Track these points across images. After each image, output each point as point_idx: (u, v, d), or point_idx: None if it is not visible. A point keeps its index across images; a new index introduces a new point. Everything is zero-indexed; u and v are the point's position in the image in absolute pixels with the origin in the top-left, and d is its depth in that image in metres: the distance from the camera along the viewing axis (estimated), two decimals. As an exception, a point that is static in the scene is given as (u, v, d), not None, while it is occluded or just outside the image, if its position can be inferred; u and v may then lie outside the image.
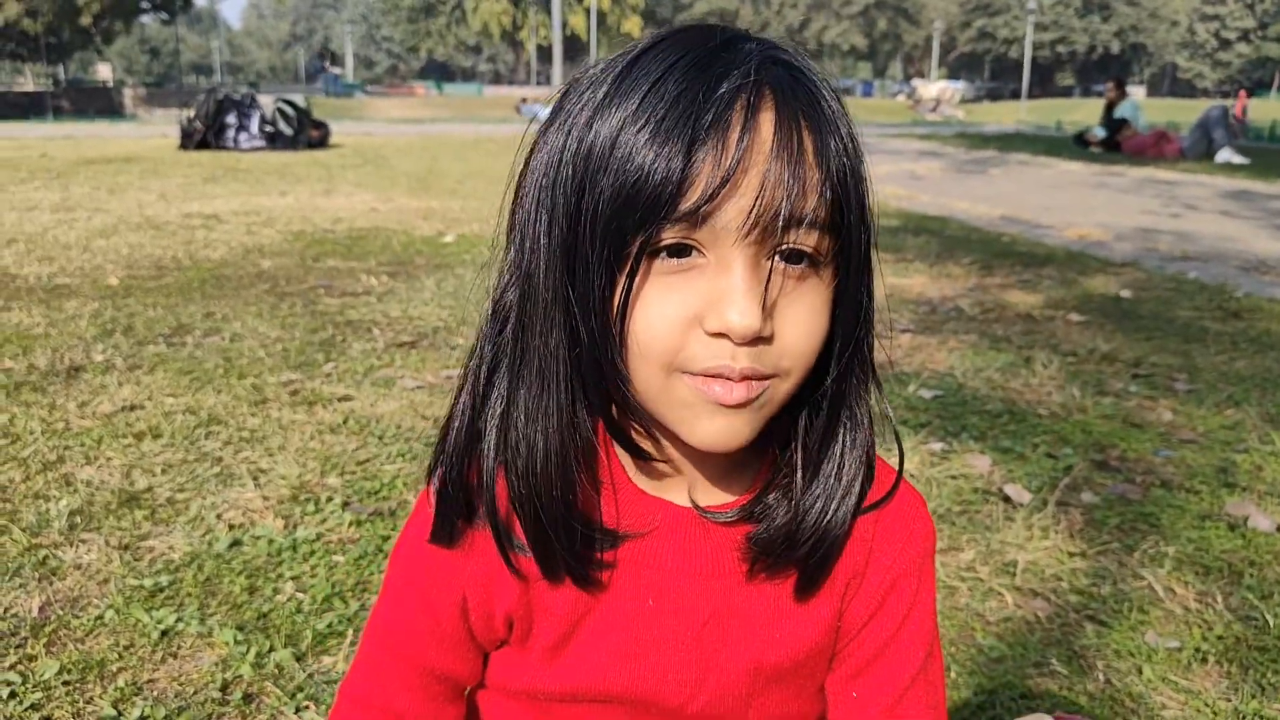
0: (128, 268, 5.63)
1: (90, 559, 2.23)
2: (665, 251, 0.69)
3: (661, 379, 0.71)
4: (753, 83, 0.68)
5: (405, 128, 24.31)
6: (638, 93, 0.68)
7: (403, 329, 4.32)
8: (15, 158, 13.16)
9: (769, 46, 0.72)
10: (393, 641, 0.88)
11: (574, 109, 0.72)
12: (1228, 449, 2.99)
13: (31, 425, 3.03)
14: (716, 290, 0.68)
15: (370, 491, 2.60)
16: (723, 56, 0.69)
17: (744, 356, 0.69)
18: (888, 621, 0.86)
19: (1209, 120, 14.96)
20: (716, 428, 0.72)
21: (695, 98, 0.67)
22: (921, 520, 0.88)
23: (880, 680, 0.86)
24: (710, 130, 0.66)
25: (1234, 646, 1.96)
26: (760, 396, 0.72)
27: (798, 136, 0.67)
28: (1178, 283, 5.54)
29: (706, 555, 0.83)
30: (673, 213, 0.66)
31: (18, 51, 43.40)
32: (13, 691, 1.75)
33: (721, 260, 0.68)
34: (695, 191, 0.66)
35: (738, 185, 0.66)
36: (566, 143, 0.72)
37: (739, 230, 0.67)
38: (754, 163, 0.66)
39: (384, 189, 9.99)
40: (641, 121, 0.67)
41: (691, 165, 0.66)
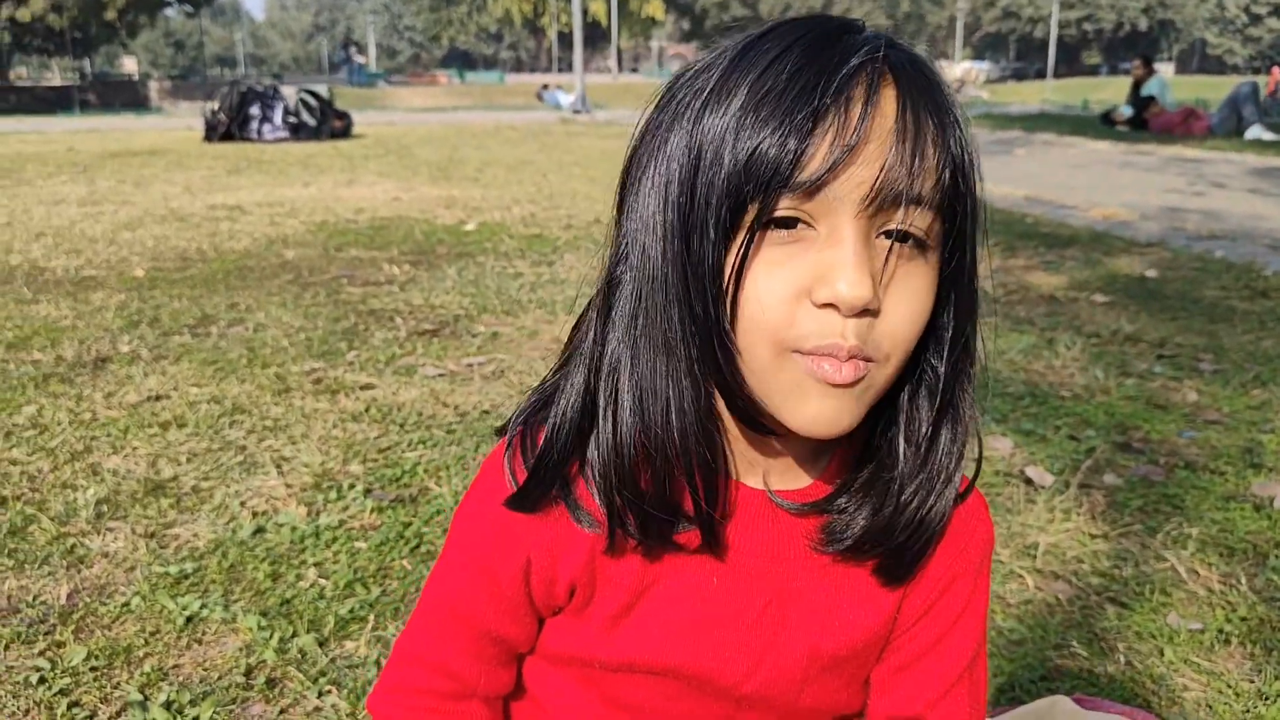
0: (153, 260, 5.69)
1: (117, 547, 2.26)
2: (776, 224, 0.69)
3: (771, 357, 0.71)
4: (876, 61, 0.68)
5: (427, 116, 24.39)
6: (756, 70, 0.69)
7: (424, 317, 4.34)
8: (43, 152, 13.30)
9: (887, 34, 0.73)
10: (451, 602, 0.88)
11: (685, 95, 0.73)
12: (1254, 429, 2.96)
13: (59, 416, 3.07)
14: (825, 262, 0.68)
15: (392, 479, 2.62)
16: (844, 39, 0.70)
17: (852, 334, 0.69)
18: (941, 618, 0.87)
19: (1238, 97, 14.75)
20: (822, 409, 0.72)
21: (819, 71, 0.67)
22: (984, 522, 0.89)
23: (927, 676, 0.87)
24: (833, 102, 0.66)
25: (1258, 628, 1.95)
26: (864, 379, 0.72)
27: (918, 116, 0.68)
28: (1204, 262, 5.48)
29: (773, 539, 0.83)
30: (790, 181, 0.67)
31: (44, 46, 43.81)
32: (42, 677, 1.78)
33: (833, 232, 0.68)
34: (814, 161, 0.66)
35: (858, 158, 0.66)
36: (677, 134, 0.72)
37: (859, 203, 0.67)
38: (876, 137, 0.67)
39: (406, 178, 10.03)
40: (761, 94, 0.68)
41: (813, 135, 0.66)
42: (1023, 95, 39.12)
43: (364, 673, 1.80)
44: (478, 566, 0.86)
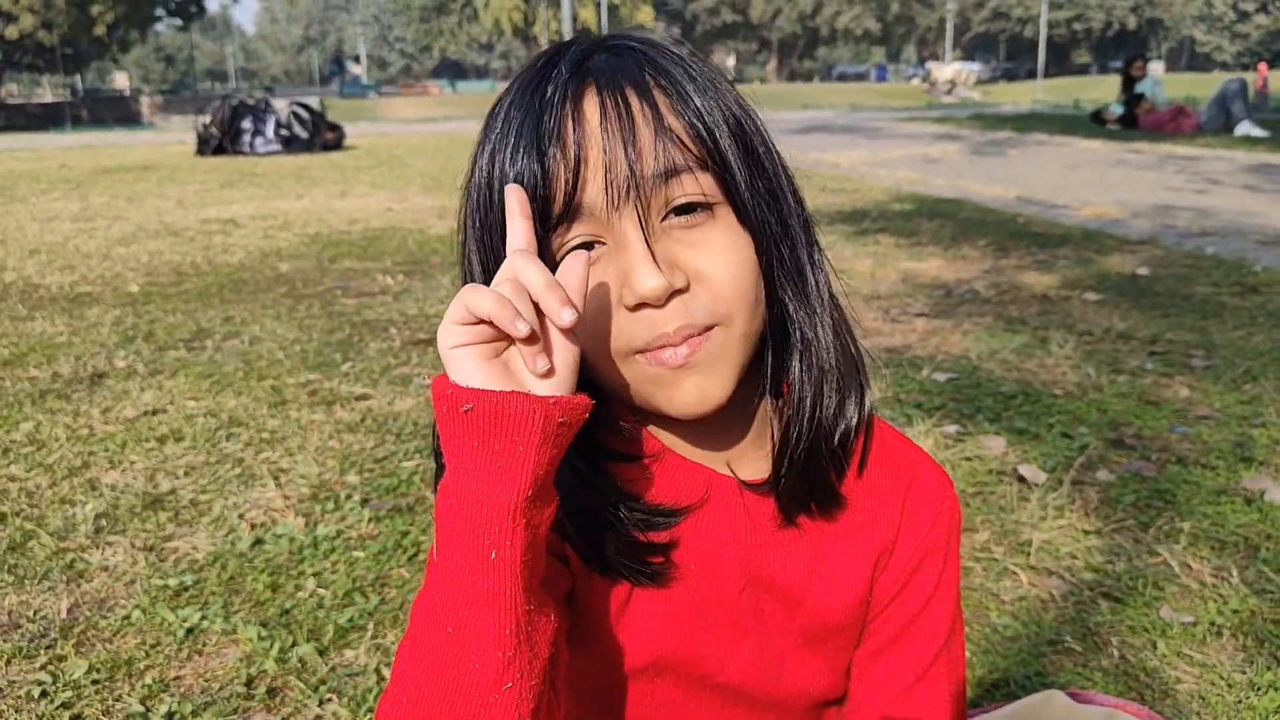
0: (148, 275, 5.70)
1: (116, 561, 2.27)
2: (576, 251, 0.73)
3: (622, 364, 0.76)
4: (569, 79, 0.74)
5: (419, 127, 24.40)
6: (496, 126, 0.76)
7: (419, 327, 4.36)
8: (35, 169, 13.31)
9: (600, 40, 0.78)
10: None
11: (471, 162, 0.81)
12: (1244, 424, 2.98)
13: (57, 432, 3.08)
14: (621, 268, 0.73)
15: (389, 488, 2.64)
16: (547, 70, 0.75)
17: (672, 318, 0.73)
18: (914, 597, 0.88)
19: (1227, 94, 14.80)
20: (686, 390, 0.76)
21: (532, 113, 0.73)
22: (949, 499, 0.91)
23: (904, 657, 0.89)
24: (549, 135, 0.72)
25: (1249, 620, 1.97)
26: (710, 349, 0.75)
27: (623, 103, 0.73)
28: (1195, 259, 5.51)
29: (744, 525, 0.86)
30: (550, 218, 0.73)
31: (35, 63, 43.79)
32: (44, 691, 1.79)
33: (617, 240, 0.73)
34: (559, 192, 0.72)
35: (586, 169, 0.72)
36: (468, 186, 0.80)
37: (607, 206, 0.72)
38: (592, 144, 0.72)
39: (399, 189, 10.05)
40: (504, 152, 0.74)
41: (547, 171, 0.72)
42: (1014, 95, 39.23)
43: (364, 681, 1.81)
44: None
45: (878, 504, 0.88)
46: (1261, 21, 69.64)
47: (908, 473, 0.89)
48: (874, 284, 5.06)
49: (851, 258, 5.73)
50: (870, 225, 6.90)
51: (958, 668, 0.91)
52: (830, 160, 12.00)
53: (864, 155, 12.75)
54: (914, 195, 8.62)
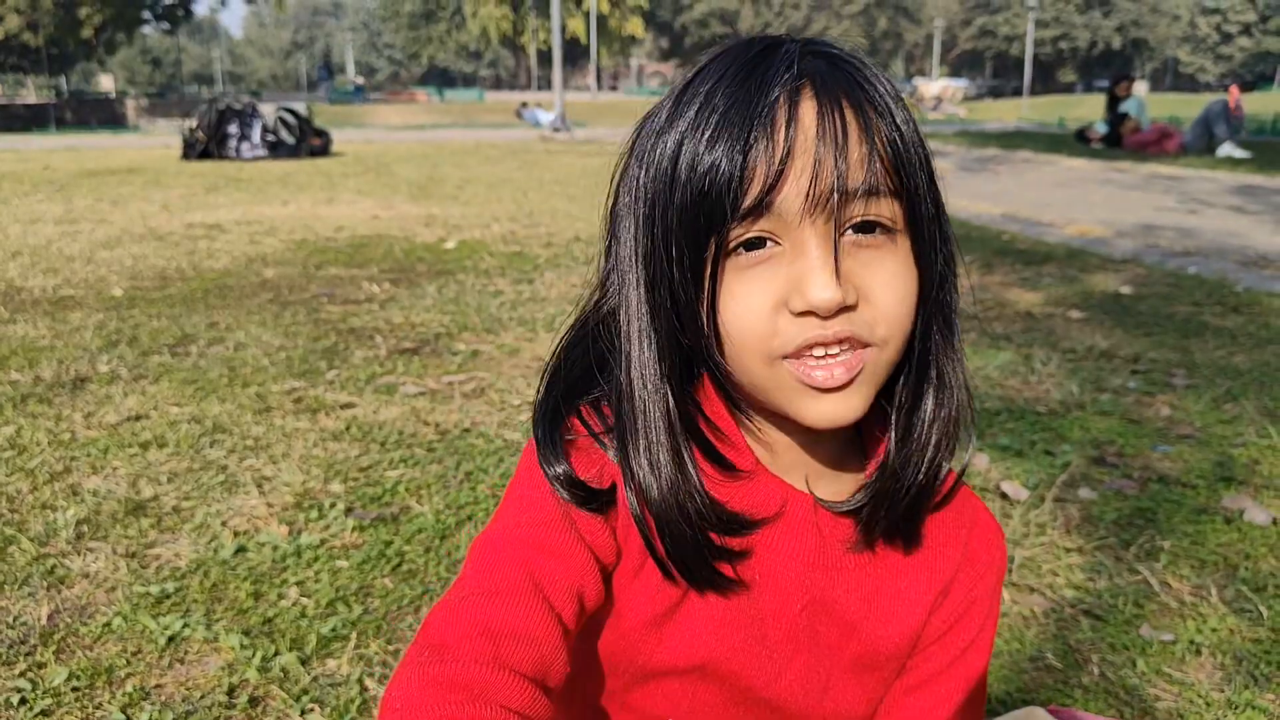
0: (131, 279, 5.67)
1: (97, 567, 2.26)
2: (742, 247, 0.74)
3: (764, 368, 0.76)
4: (793, 76, 0.73)
5: (406, 134, 24.39)
6: (691, 110, 0.75)
7: (405, 335, 4.35)
8: (18, 170, 13.23)
9: (807, 43, 0.78)
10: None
11: (644, 140, 0.79)
12: (1225, 443, 3.01)
13: (38, 436, 3.06)
14: (795, 272, 0.73)
15: (373, 498, 2.63)
16: (763, 63, 0.75)
17: (835, 324, 0.74)
18: (957, 640, 0.90)
19: (1210, 114, 14.95)
20: (824, 408, 0.76)
21: (743, 102, 0.72)
22: (1001, 549, 0.93)
23: (937, 698, 0.90)
24: (759, 128, 0.71)
25: (1228, 638, 1.98)
26: (861, 372, 0.76)
27: (840, 116, 0.72)
28: (1177, 278, 5.56)
29: (814, 544, 0.87)
30: (738, 209, 0.72)
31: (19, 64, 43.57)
32: (23, 698, 1.78)
33: (796, 244, 0.73)
34: (755, 185, 0.72)
35: (791, 170, 0.71)
36: (641, 169, 0.78)
37: (801, 211, 0.72)
38: (802, 148, 0.72)
39: (385, 196, 10.03)
40: (699, 135, 0.73)
41: (747, 162, 0.71)
42: (999, 113, 39.50)
43: (346, 691, 1.80)
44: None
45: (944, 544, 0.89)
46: (1245, 44, 70.36)
47: (970, 517, 0.91)
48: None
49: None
50: (856, 240, 6.92)
51: (978, 712, 0.93)
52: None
53: (850, 170, 12.79)
54: (900, 211, 8.65)
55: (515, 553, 0.81)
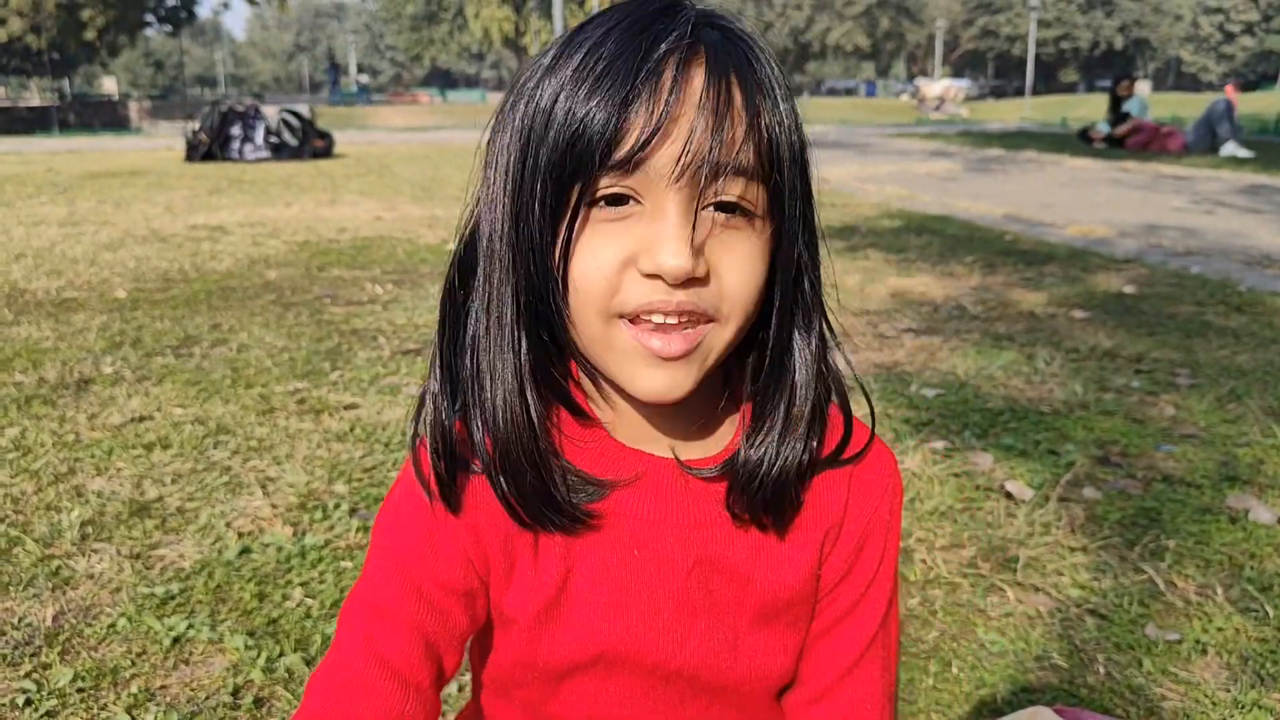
0: (135, 280, 5.68)
1: (102, 568, 2.26)
2: (604, 200, 0.73)
3: (600, 325, 0.75)
4: (688, 41, 0.72)
5: (409, 136, 24.41)
6: (577, 56, 0.73)
7: (408, 336, 4.35)
8: (22, 173, 13.25)
9: (706, 12, 0.76)
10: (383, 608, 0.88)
11: (525, 80, 0.78)
12: (1229, 443, 3.01)
13: (42, 438, 3.07)
14: (650, 234, 0.73)
15: (377, 498, 2.63)
16: (660, 20, 0.74)
17: (680, 294, 0.73)
18: (859, 578, 0.90)
19: (1213, 114, 14.94)
20: (656, 378, 0.76)
21: (632, 55, 0.71)
22: (893, 476, 0.92)
23: (846, 638, 0.90)
24: (644, 83, 0.70)
25: (1233, 638, 1.98)
26: (699, 346, 0.76)
27: (726, 91, 0.72)
28: (1180, 278, 5.55)
29: (687, 505, 0.86)
30: (608, 160, 0.71)
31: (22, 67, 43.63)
32: (29, 699, 1.78)
33: (656, 206, 0.73)
34: (629, 140, 0.71)
35: (668, 133, 0.70)
36: (517, 108, 0.77)
37: (670, 175, 0.71)
38: (683, 113, 0.71)
39: (388, 197, 10.04)
40: (581, 79, 0.72)
41: (626, 116, 0.70)
42: (1001, 113, 39.47)
43: (351, 691, 1.80)
44: (409, 567, 0.88)
45: (826, 485, 0.88)
46: (1247, 43, 70.27)
47: (853, 448, 0.89)
48: (863, 300, 5.08)
49: (841, 273, 5.75)
50: (860, 241, 6.93)
51: (891, 647, 0.93)
52: (820, 175, 11.97)
53: (854, 170, 12.81)
54: (903, 211, 8.66)
55: (359, 626, 0.87)
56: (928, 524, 2.49)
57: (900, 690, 1.83)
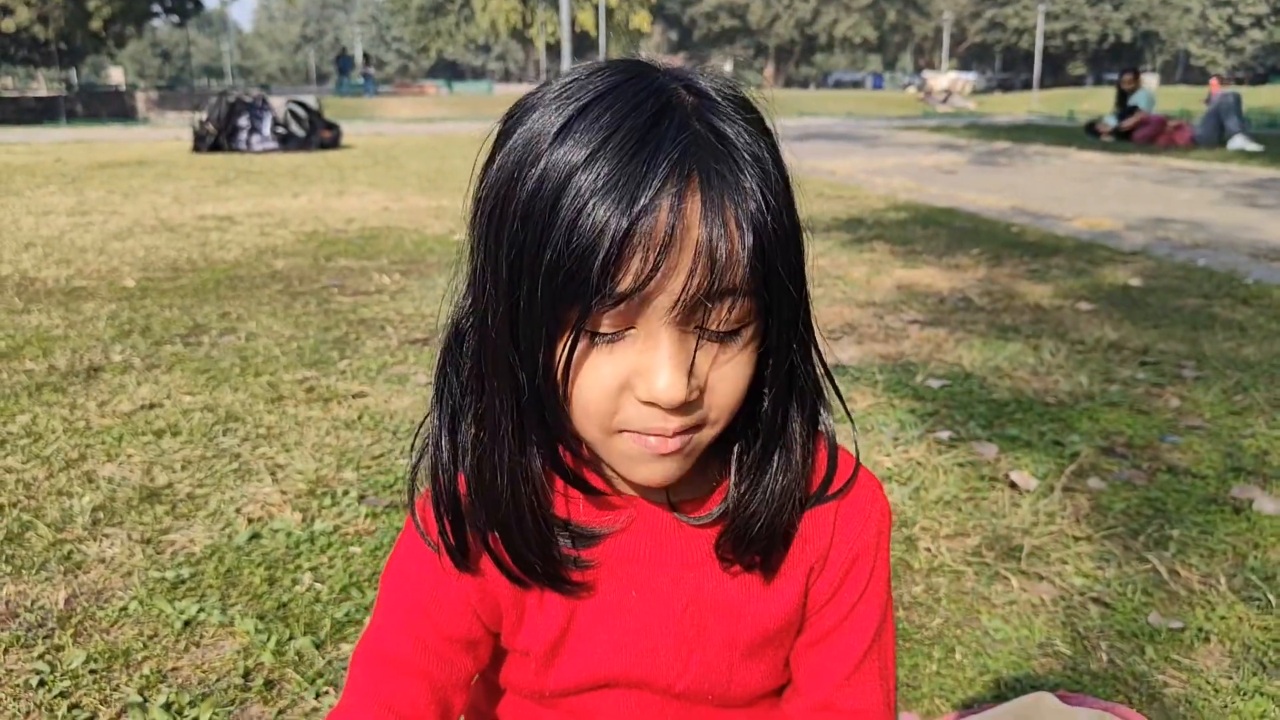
0: (144, 270, 5.70)
1: (113, 553, 2.28)
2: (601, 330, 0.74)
3: (602, 437, 0.78)
4: (681, 169, 0.70)
5: (416, 127, 24.40)
6: (575, 158, 0.71)
7: (415, 326, 4.37)
8: (30, 163, 13.28)
9: (699, 106, 0.74)
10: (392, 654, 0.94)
11: (529, 139, 0.74)
12: (1234, 434, 3.01)
13: (53, 424, 3.09)
14: (645, 362, 0.73)
15: (385, 485, 2.65)
16: (653, 134, 0.71)
17: (675, 420, 0.75)
18: (847, 596, 0.93)
19: (1222, 107, 14.89)
20: (654, 471, 0.79)
21: (628, 185, 0.69)
22: (877, 502, 0.94)
23: (839, 649, 0.94)
24: (640, 219, 0.69)
25: (1236, 626, 1.99)
26: (691, 444, 0.79)
27: (721, 222, 0.70)
28: (1187, 271, 5.55)
29: (679, 548, 0.90)
30: (607, 297, 0.70)
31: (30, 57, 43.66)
32: (42, 680, 1.80)
33: (650, 334, 0.73)
34: (627, 277, 0.69)
35: (667, 274, 0.69)
36: (511, 189, 0.74)
37: (667, 313, 0.71)
38: (685, 248, 0.69)
39: (395, 188, 10.05)
40: (578, 203, 0.70)
41: (624, 252, 0.69)
42: (1009, 106, 39.35)
43: (361, 674, 1.82)
44: (415, 620, 0.93)
45: (813, 522, 0.92)
46: (1256, 36, 69.97)
47: (838, 483, 0.92)
48: (869, 292, 5.09)
49: (847, 265, 5.76)
50: (866, 233, 6.93)
51: (887, 656, 0.96)
52: (827, 167, 12.03)
53: (861, 163, 12.80)
54: (910, 204, 8.66)
55: (367, 676, 0.93)
56: (932, 513, 2.51)
57: (904, 676, 1.85)
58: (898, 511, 2.50)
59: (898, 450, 2.89)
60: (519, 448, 0.82)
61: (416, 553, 0.93)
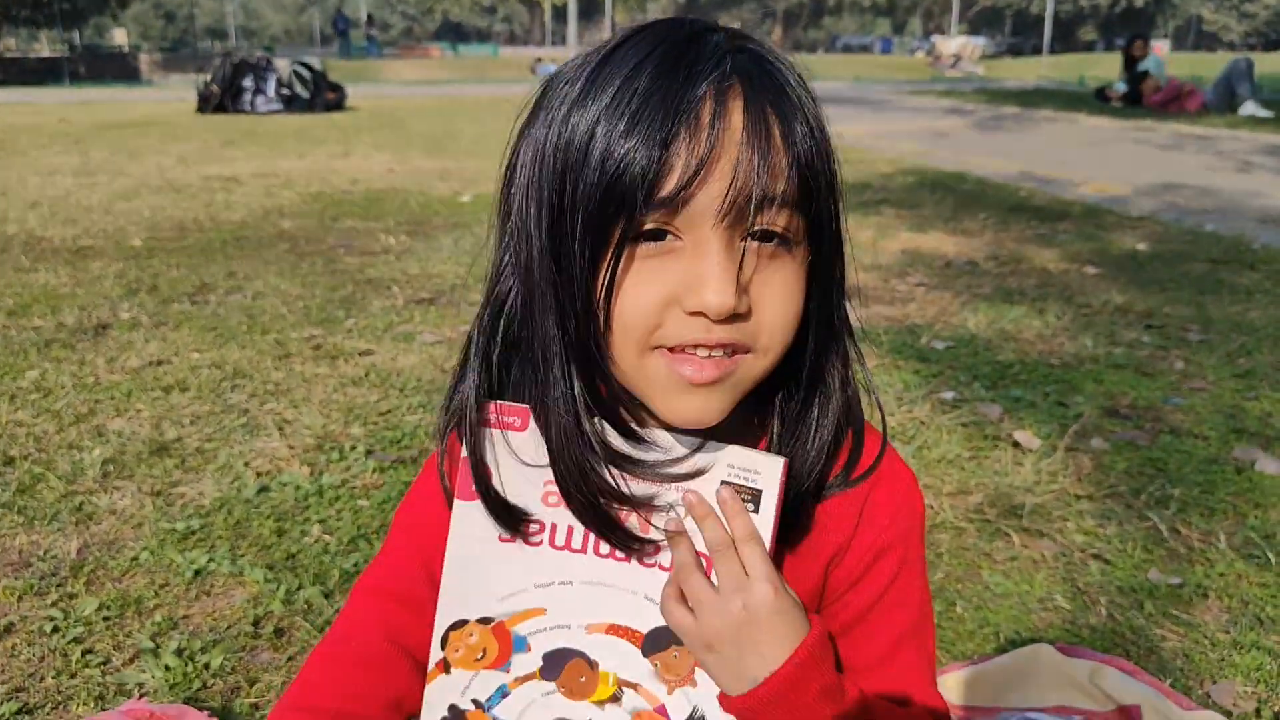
0: (150, 229, 5.71)
1: (124, 504, 2.31)
2: (644, 236, 0.73)
3: (636, 357, 0.76)
4: (722, 73, 0.71)
5: (421, 89, 24.25)
6: (611, 88, 0.72)
7: (421, 286, 4.38)
8: (35, 123, 13.24)
9: (737, 37, 0.76)
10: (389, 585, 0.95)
11: (553, 104, 0.76)
12: (1238, 396, 3.02)
13: (63, 380, 3.11)
14: (693, 272, 0.72)
15: (393, 440, 2.67)
16: (691, 50, 0.72)
17: (719, 331, 0.74)
18: (871, 587, 0.90)
19: (1233, 73, 14.75)
20: (688, 404, 0.77)
21: (668, 90, 0.70)
22: (910, 497, 0.92)
23: (866, 637, 0.91)
24: (683, 121, 0.69)
25: (1235, 583, 2.01)
26: (732, 375, 0.76)
27: (765, 123, 0.71)
28: (1194, 235, 5.53)
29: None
30: (651, 201, 0.70)
31: (33, 18, 43.37)
32: (55, 626, 1.83)
33: (698, 243, 0.72)
34: (671, 179, 0.69)
35: (711, 172, 0.69)
36: (548, 136, 0.75)
37: (715, 214, 0.71)
38: (725, 150, 0.70)
39: (400, 150, 10.02)
40: (617, 116, 0.70)
41: (667, 155, 0.69)
42: (1019, 71, 38.97)
43: (369, 623, 1.85)
44: (431, 557, 0.93)
45: (838, 509, 0.90)
46: (1270, 1, 69.17)
47: (870, 481, 0.90)
48: (876, 255, 5.08)
49: (854, 228, 5.71)
50: (873, 197, 6.91)
51: (926, 655, 0.93)
52: (835, 131, 11.74)
53: (869, 127, 12.72)
54: (918, 168, 8.61)
55: (376, 608, 0.94)
56: (935, 471, 2.52)
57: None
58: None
59: (901, 410, 2.90)
60: (568, 387, 0.80)
61: (431, 495, 0.94)
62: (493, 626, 0.89)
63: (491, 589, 0.89)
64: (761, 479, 0.80)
